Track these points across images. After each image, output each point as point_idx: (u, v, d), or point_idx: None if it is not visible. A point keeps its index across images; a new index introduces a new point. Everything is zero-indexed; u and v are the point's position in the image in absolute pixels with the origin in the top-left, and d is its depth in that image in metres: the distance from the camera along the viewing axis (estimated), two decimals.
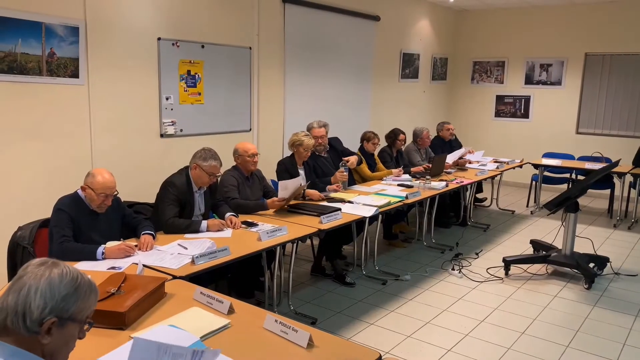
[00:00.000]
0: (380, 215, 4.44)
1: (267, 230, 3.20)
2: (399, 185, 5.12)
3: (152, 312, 2.15)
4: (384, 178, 5.41)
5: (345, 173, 4.76)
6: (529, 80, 8.67)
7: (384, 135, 5.95)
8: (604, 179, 6.68)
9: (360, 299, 4.06)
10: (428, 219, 5.50)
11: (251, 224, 3.45)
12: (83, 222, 2.88)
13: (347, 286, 4.29)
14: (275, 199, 3.88)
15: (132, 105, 4.51)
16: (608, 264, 4.73)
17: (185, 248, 2.94)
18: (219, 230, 3.28)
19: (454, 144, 6.94)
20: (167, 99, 4.76)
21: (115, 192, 2.95)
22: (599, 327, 3.68)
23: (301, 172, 4.62)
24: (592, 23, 7.99)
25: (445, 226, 6.12)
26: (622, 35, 7.77)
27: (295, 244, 3.54)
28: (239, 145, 3.94)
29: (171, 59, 4.76)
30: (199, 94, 5.05)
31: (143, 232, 3.03)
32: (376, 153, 5.74)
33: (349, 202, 4.26)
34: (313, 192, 4.31)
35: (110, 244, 2.83)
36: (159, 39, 4.63)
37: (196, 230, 3.24)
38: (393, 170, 5.59)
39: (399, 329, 3.56)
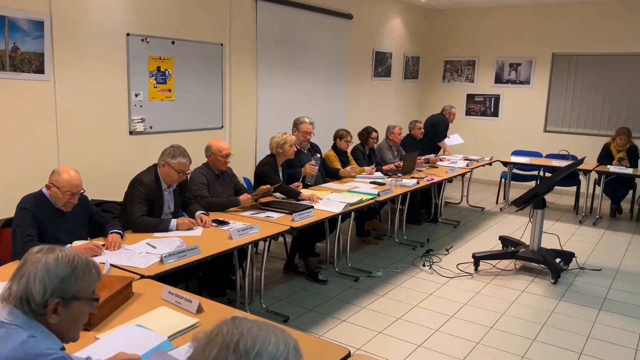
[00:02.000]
0: (352, 213, 4.48)
1: (239, 229, 3.18)
2: (371, 182, 5.15)
3: (119, 312, 2.12)
4: (357, 175, 5.44)
5: (315, 167, 4.76)
6: (498, 79, 8.83)
7: (357, 133, 5.98)
8: (570, 176, 6.84)
9: (333, 296, 4.08)
10: (400, 216, 5.55)
11: (222, 223, 3.42)
12: (48, 221, 2.81)
13: (319, 283, 4.30)
14: (249, 195, 3.87)
15: (100, 101, 4.42)
16: (573, 259, 4.85)
17: (154, 247, 2.90)
18: (189, 229, 3.24)
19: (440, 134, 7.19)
20: (136, 95, 4.68)
21: (82, 190, 2.89)
22: (565, 321, 3.78)
23: (281, 172, 4.60)
24: (560, 24, 8.18)
25: (417, 223, 6.19)
26: (587, 36, 7.97)
27: (266, 242, 3.52)
28: (213, 143, 3.89)
29: (140, 55, 4.68)
30: (169, 90, 4.98)
31: (111, 231, 2.97)
32: (349, 151, 5.76)
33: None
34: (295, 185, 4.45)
35: (77, 243, 2.78)
36: (127, 34, 4.55)
37: (165, 229, 3.20)
38: (366, 168, 5.63)
39: (371, 325, 3.58)
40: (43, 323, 1.36)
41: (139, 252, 2.82)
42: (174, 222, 3.24)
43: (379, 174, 5.60)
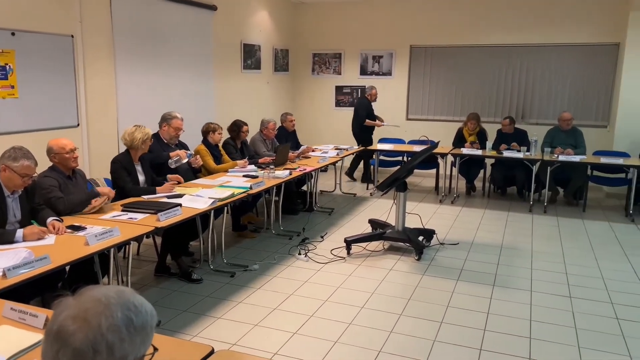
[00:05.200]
0: (226, 208, 4.41)
1: (96, 233, 2.97)
2: (244, 176, 5.12)
3: None
4: (229, 170, 5.38)
5: (187, 157, 4.79)
6: (363, 71, 9.24)
7: (227, 128, 5.89)
8: (429, 160, 7.41)
9: (208, 294, 3.99)
10: (275, 207, 5.59)
11: (78, 228, 3.17)
12: None
13: (194, 283, 4.18)
14: (109, 188, 3.70)
15: None
16: (434, 235, 5.26)
17: None
18: (39, 239, 2.96)
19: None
20: None
21: None
22: (428, 294, 4.08)
23: (138, 167, 4.39)
24: (416, 18, 8.76)
25: (294, 213, 6.28)
26: (441, 29, 8.64)
27: (130, 246, 3.34)
28: (52, 143, 3.59)
29: None
30: (12, 87, 4.49)
31: None
32: (220, 144, 5.66)
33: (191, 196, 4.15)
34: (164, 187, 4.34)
35: None
36: None
37: (10, 240, 2.88)
38: (238, 162, 5.57)
39: (246, 319, 3.57)
40: None
41: None
42: (20, 232, 2.93)
43: (252, 167, 5.58)
